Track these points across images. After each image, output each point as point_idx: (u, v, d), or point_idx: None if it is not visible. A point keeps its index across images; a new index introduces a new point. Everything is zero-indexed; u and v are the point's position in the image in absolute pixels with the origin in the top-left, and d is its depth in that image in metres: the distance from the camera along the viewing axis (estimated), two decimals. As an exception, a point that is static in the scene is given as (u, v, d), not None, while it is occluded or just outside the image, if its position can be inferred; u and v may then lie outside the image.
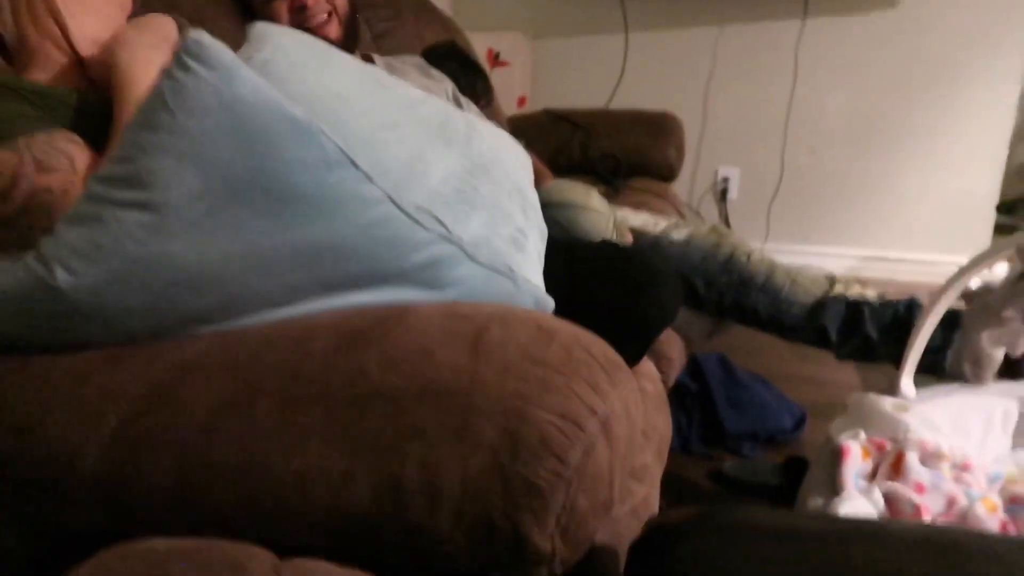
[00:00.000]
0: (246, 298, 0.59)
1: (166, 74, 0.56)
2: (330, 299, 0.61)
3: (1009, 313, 1.17)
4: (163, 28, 0.90)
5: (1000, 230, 2.59)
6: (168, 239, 0.55)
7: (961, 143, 2.55)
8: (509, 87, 2.64)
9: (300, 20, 1.34)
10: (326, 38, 1.35)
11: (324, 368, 0.52)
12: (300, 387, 0.52)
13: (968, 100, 2.51)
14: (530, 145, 2.12)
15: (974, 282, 1.31)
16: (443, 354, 0.52)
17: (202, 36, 0.55)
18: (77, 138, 0.75)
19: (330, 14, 1.36)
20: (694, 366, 1.66)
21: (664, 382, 1.19)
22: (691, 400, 1.62)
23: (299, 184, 0.57)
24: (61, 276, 0.55)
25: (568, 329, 0.58)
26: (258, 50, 0.75)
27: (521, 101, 2.71)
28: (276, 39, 0.80)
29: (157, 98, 0.55)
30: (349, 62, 0.86)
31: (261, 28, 0.81)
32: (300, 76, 0.77)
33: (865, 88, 2.57)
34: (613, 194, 1.92)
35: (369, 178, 0.61)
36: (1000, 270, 1.23)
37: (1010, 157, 3.33)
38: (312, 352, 0.54)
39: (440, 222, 0.68)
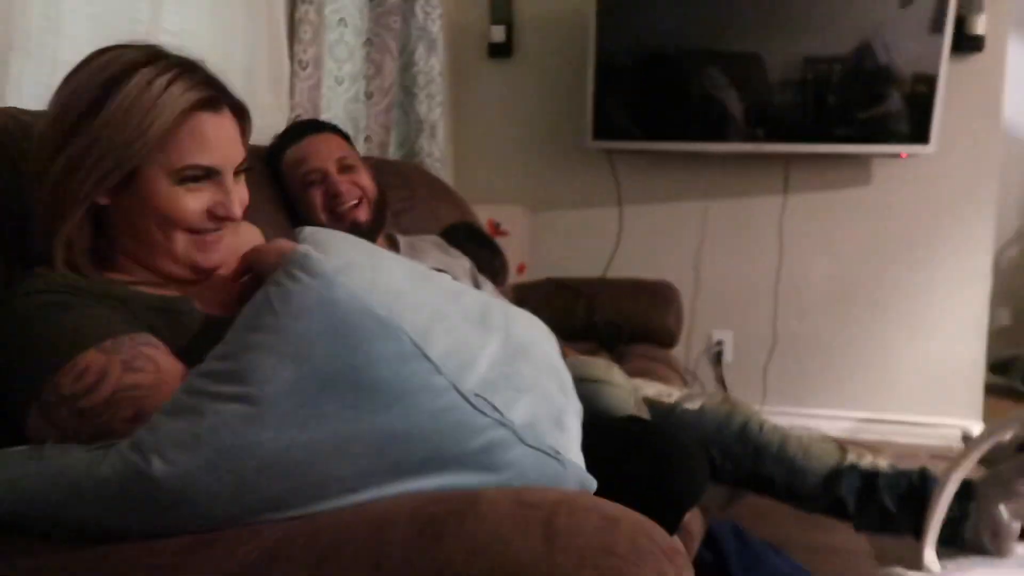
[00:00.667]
0: (324, 483, 0.62)
1: (273, 281, 0.62)
2: (398, 484, 0.64)
3: (1022, 487, 1.20)
4: None
5: (992, 390, 2.65)
6: (261, 429, 0.59)
7: (943, 309, 2.67)
8: (509, 255, 2.75)
9: (334, 205, 1.44)
10: (356, 220, 1.45)
11: (406, 558, 0.54)
12: (383, 577, 0.53)
13: (945, 268, 2.66)
14: (535, 313, 2.21)
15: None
16: (518, 544, 0.54)
17: (307, 250, 0.62)
18: (158, 342, 0.80)
19: (361, 199, 1.47)
20: (709, 537, 1.65)
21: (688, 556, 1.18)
22: (707, 572, 1.59)
23: (380, 376, 0.62)
24: (157, 465, 0.58)
25: (629, 517, 0.61)
26: (322, 253, 0.82)
27: (521, 269, 2.83)
28: (329, 241, 0.88)
29: (263, 302, 0.61)
30: (396, 259, 0.94)
31: (313, 233, 0.88)
32: (358, 275, 0.83)
33: (847, 257, 2.73)
34: (617, 361, 1.97)
35: (438, 369, 0.66)
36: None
37: (992, 320, 3.47)
38: (393, 540, 0.56)
39: (494, 407, 0.72)
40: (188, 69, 0.87)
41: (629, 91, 2.62)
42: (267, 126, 1.75)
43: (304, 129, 1.56)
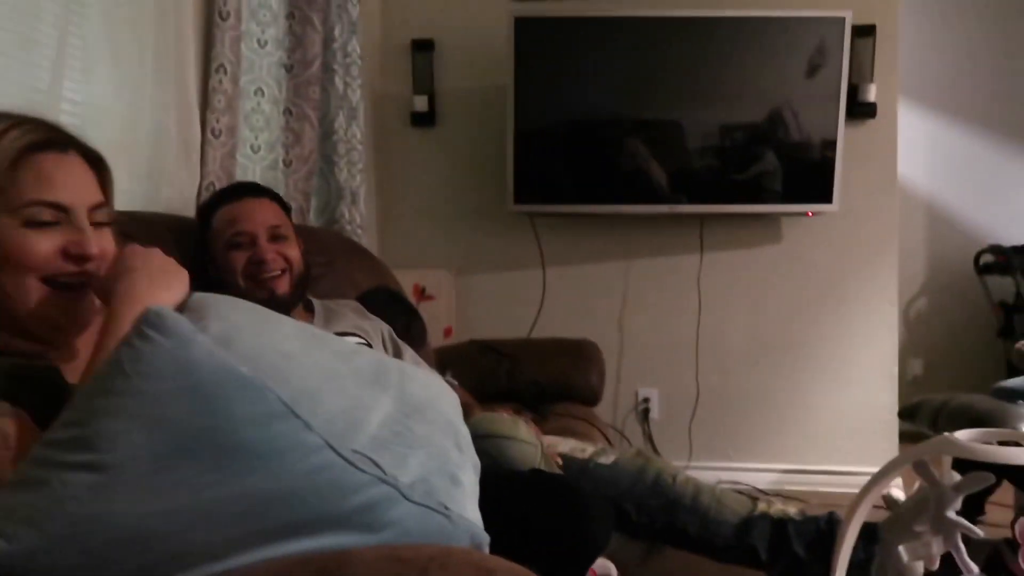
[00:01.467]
0: (186, 553, 0.59)
1: (124, 344, 0.60)
2: (270, 548, 0.62)
3: (919, 527, 1.24)
4: (179, 276, 0.91)
5: (904, 437, 2.74)
6: (112, 498, 0.57)
7: (857, 360, 2.78)
8: (435, 319, 2.76)
9: (255, 271, 1.43)
10: (274, 290, 1.44)
11: (267, 625, 0.53)
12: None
13: (856, 321, 2.77)
14: (458, 375, 2.20)
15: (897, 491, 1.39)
16: (386, 601, 0.53)
17: (160, 308, 0.61)
18: (12, 411, 0.75)
19: (284, 271, 1.46)
20: (632, 594, 1.63)
21: (602, 614, 1.17)
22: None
23: (244, 437, 0.61)
24: (-2, 544, 0.55)
25: (506, 568, 0.60)
26: (201, 318, 0.81)
27: (447, 332, 2.83)
28: (216, 306, 0.86)
29: (114, 365, 0.60)
30: (287, 322, 0.93)
31: (199, 298, 0.87)
32: (242, 337, 0.82)
33: (763, 313, 2.82)
34: (540, 420, 1.97)
35: (309, 426, 0.65)
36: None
37: (906, 370, 3.61)
38: (255, 608, 0.54)
39: (376, 464, 0.72)
40: (28, 121, 0.86)
41: (549, 156, 2.70)
42: (177, 195, 1.74)
43: (243, 190, 1.54)
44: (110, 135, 1.55)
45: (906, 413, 1.99)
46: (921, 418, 1.92)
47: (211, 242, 1.48)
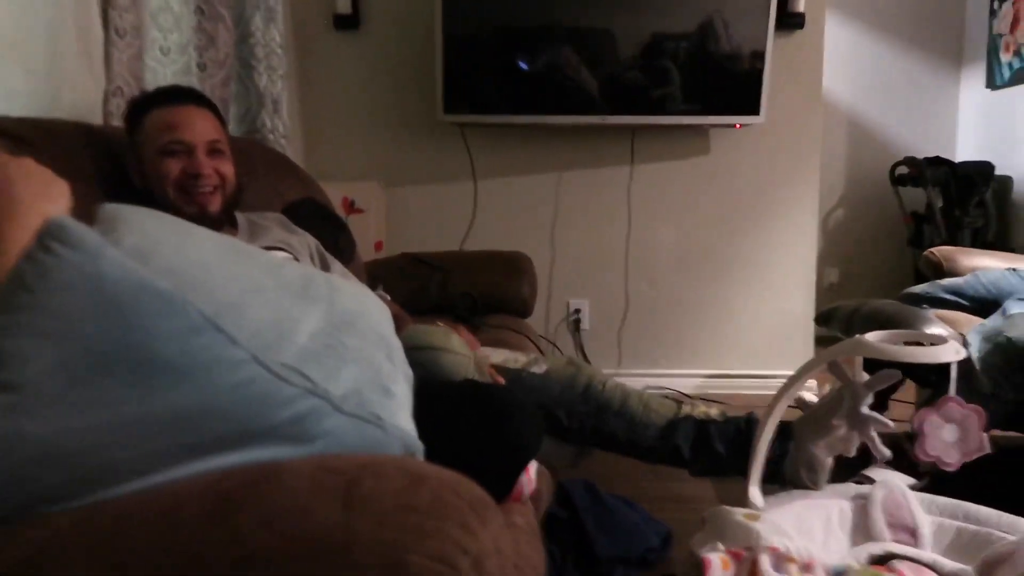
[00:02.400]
0: (108, 469, 0.58)
1: (27, 257, 0.57)
2: (198, 463, 0.61)
3: (836, 422, 1.32)
4: (59, 186, 0.87)
5: (819, 341, 2.89)
6: (23, 417, 0.54)
7: (777, 269, 2.87)
8: (365, 233, 2.71)
9: (188, 185, 1.35)
10: (205, 206, 1.37)
11: (196, 537, 0.52)
12: (173, 559, 0.51)
13: (778, 231, 2.86)
14: (389, 288, 2.19)
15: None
16: (318, 511, 0.53)
17: (64, 219, 0.57)
18: None
19: (216, 188, 1.39)
20: (562, 494, 1.70)
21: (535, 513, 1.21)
22: (561, 528, 1.64)
23: (164, 352, 0.58)
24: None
25: (437, 473, 0.61)
26: (112, 230, 0.76)
27: (378, 246, 2.79)
28: (130, 218, 0.82)
29: (16, 280, 0.56)
30: (209, 235, 0.89)
31: (112, 210, 0.82)
32: (160, 250, 0.79)
33: (691, 223, 2.87)
34: (473, 331, 1.99)
35: (233, 340, 0.63)
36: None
37: (823, 278, 3.76)
38: (182, 522, 0.53)
39: (306, 377, 0.71)
40: None
41: (479, 64, 2.62)
42: (79, 100, 1.62)
43: (184, 96, 1.43)
44: (-1, 32, 1.42)
45: (821, 319, 2.08)
46: (835, 323, 2.02)
47: (140, 145, 1.38)
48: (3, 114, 1.33)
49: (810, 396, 2.50)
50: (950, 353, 1.12)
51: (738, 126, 2.74)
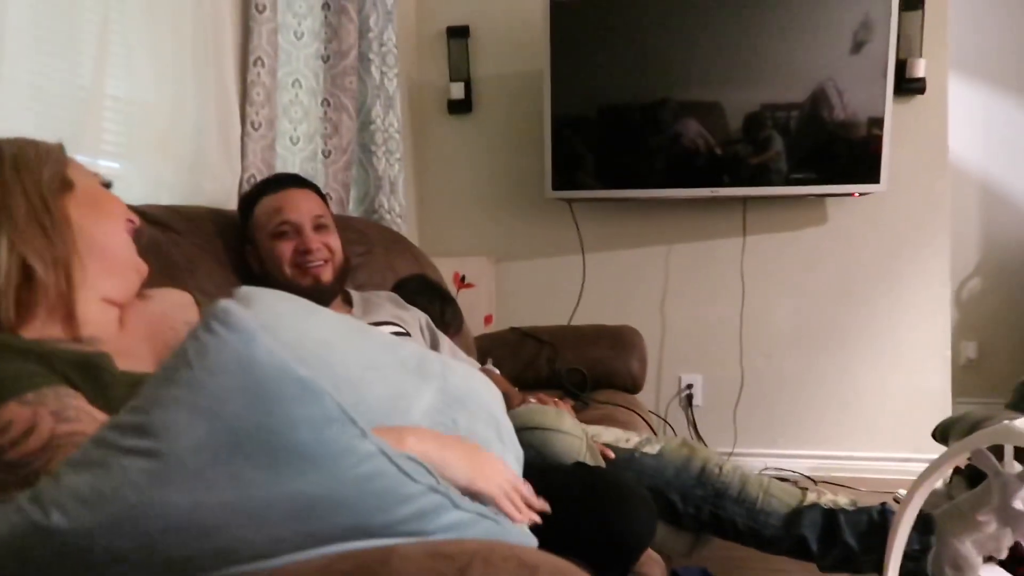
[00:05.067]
0: (235, 549, 0.59)
1: (192, 335, 0.61)
2: (317, 551, 0.62)
3: (983, 517, 1.20)
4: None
5: (959, 424, 2.65)
6: (167, 487, 0.57)
7: (907, 343, 2.70)
8: (475, 307, 2.77)
9: (301, 261, 1.45)
10: (319, 278, 1.45)
11: (310, 620, 0.52)
12: (288, 642, 0.51)
13: (905, 303, 2.69)
14: (498, 363, 2.20)
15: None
16: (429, 598, 0.53)
17: (229, 304, 0.61)
18: (79, 395, 0.79)
19: (327, 261, 1.47)
20: (678, 584, 1.62)
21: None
22: (678, 621, 1.55)
23: (299, 439, 0.60)
24: (56, 519, 0.55)
25: (549, 563, 0.59)
26: (246, 308, 0.81)
27: (487, 320, 2.83)
28: (261, 297, 0.87)
29: (180, 356, 0.60)
30: (329, 314, 0.93)
31: (246, 291, 0.88)
32: (288, 326, 0.83)
33: (809, 295, 2.75)
34: (582, 408, 1.96)
35: (365, 434, 0.64)
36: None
37: (959, 354, 3.50)
38: (299, 603, 0.54)
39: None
40: None
41: (586, 141, 2.67)
42: (219, 188, 1.76)
43: (285, 181, 1.56)
44: (153, 130, 1.57)
45: (938, 433, 1.86)
46: (956, 437, 1.80)
47: (254, 232, 1.49)
48: (153, 203, 1.46)
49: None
50: (1118, 442, 1.00)
51: (856, 195, 2.64)
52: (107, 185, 1.00)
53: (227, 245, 1.52)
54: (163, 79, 1.60)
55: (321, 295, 1.42)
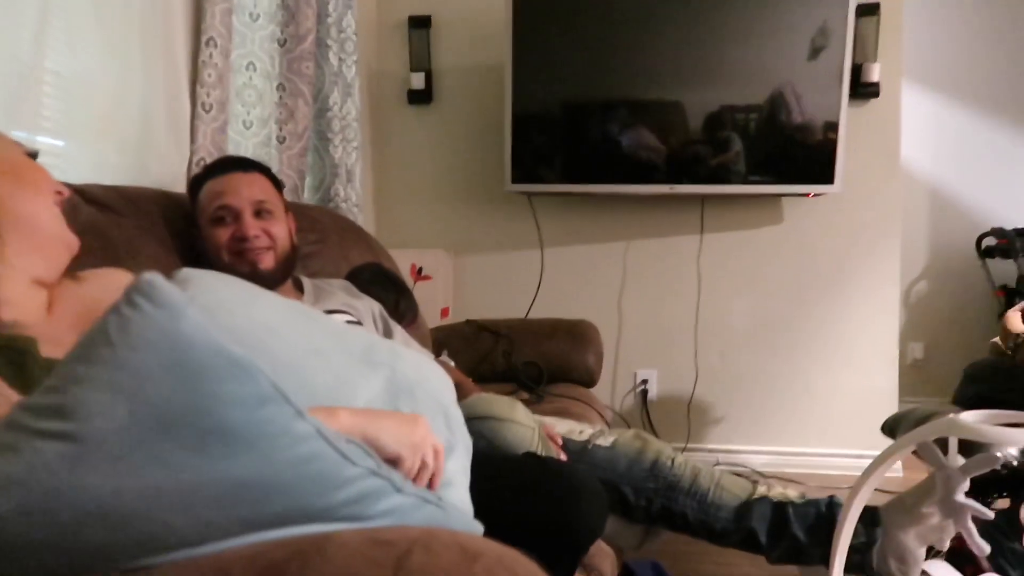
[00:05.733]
0: (162, 536, 0.56)
1: (113, 310, 0.57)
2: (251, 537, 0.59)
3: (927, 509, 1.21)
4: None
5: (905, 422, 2.71)
6: (85, 471, 0.54)
7: (857, 343, 2.75)
8: (432, 299, 2.74)
9: (238, 247, 1.39)
10: (256, 265, 1.40)
11: (238, 609, 0.50)
12: (212, 633, 0.49)
13: (856, 303, 2.74)
14: (454, 355, 2.18)
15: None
16: (365, 586, 0.51)
17: (154, 276, 0.57)
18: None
19: (269, 248, 1.42)
20: (627, 575, 1.62)
21: (598, 597, 1.15)
22: (628, 615, 1.55)
23: (230, 419, 0.57)
24: (-39, 508, 0.52)
25: (492, 550, 0.57)
26: (185, 289, 0.78)
27: (444, 312, 2.80)
28: (202, 280, 0.84)
29: (100, 332, 0.56)
30: (275, 298, 0.90)
31: (186, 272, 0.85)
32: (228, 310, 0.79)
33: (764, 294, 2.79)
34: (537, 401, 1.95)
35: (301, 414, 0.61)
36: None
37: (906, 354, 3.58)
38: (226, 592, 0.51)
39: (370, 455, 0.68)
40: None
41: (547, 135, 2.66)
42: (166, 170, 1.71)
43: (231, 164, 1.50)
44: (95, 108, 1.51)
45: (887, 428, 1.91)
46: (904, 430, 1.85)
47: (197, 217, 1.44)
48: (95, 183, 1.40)
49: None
50: (1057, 436, 1.02)
51: (811, 195, 2.68)
52: (32, 155, 0.94)
53: (174, 228, 1.47)
54: (108, 55, 1.53)
55: (261, 283, 1.38)
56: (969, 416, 1.07)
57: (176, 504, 0.56)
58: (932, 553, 1.36)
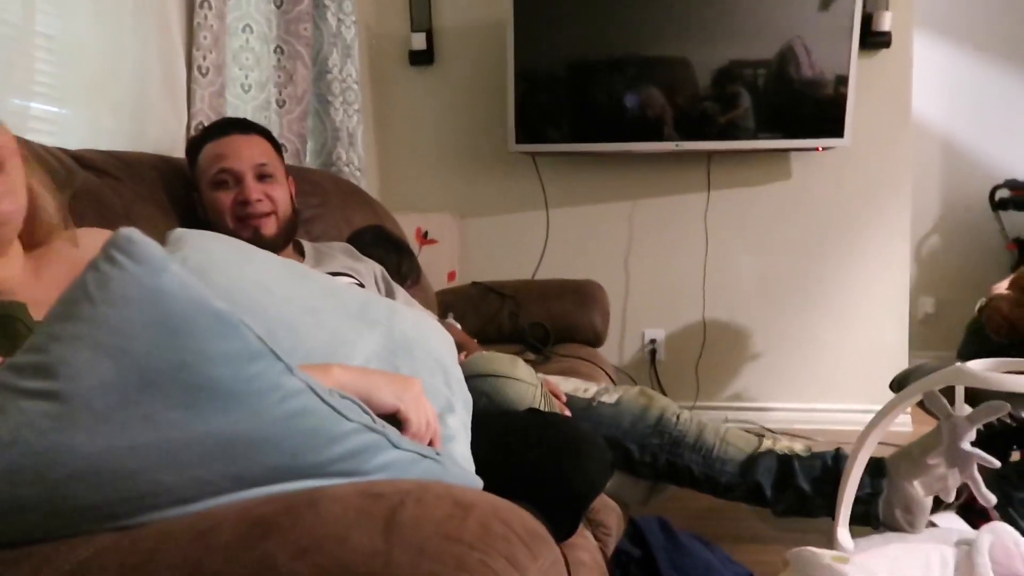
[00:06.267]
0: (153, 494, 0.56)
1: (91, 266, 0.56)
2: (244, 494, 0.59)
3: (933, 459, 1.21)
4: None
5: (915, 377, 2.70)
6: (72, 430, 0.53)
7: (867, 298, 2.72)
8: (438, 263, 2.73)
9: (242, 213, 1.38)
10: (260, 230, 1.39)
11: (227, 562, 0.50)
12: (202, 585, 0.49)
13: (866, 258, 2.71)
14: (460, 317, 2.17)
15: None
16: (355, 538, 0.50)
17: (132, 232, 0.56)
18: None
19: (271, 212, 1.41)
20: (635, 531, 1.62)
21: (602, 550, 1.15)
22: (635, 567, 1.56)
23: (218, 376, 0.56)
24: (-49, 470, 0.52)
25: (486, 502, 0.57)
26: (178, 249, 0.77)
27: (451, 276, 2.79)
28: (195, 240, 0.83)
29: (79, 289, 0.56)
30: (271, 257, 0.89)
31: (180, 233, 0.84)
32: (222, 269, 0.79)
33: (772, 251, 2.76)
34: (543, 361, 1.95)
35: (291, 369, 0.61)
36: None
37: (917, 308, 3.55)
38: (215, 545, 0.51)
39: (364, 411, 0.68)
40: None
41: (550, 95, 2.62)
42: (163, 135, 1.69)
43: (230, 126, 1.47)
44: (89, 72, 1.49)
45: (896, 384, 1.90)
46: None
47: (197, 180, 1.43)
48: (91, 148, 1.39)
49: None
50: (1065, 383, 1.00)
51: (820, 149, 2.63)
52: None
53: (173, 193, 1.46)
54: (99, 18, 1.51)
55: (263, 248, 1.37)
56: (976, 364, 1.06)
57: (165, 462, 0.56)
58: (942, 507, 1.35)
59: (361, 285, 1.45)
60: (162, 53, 1.68)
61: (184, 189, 1.47)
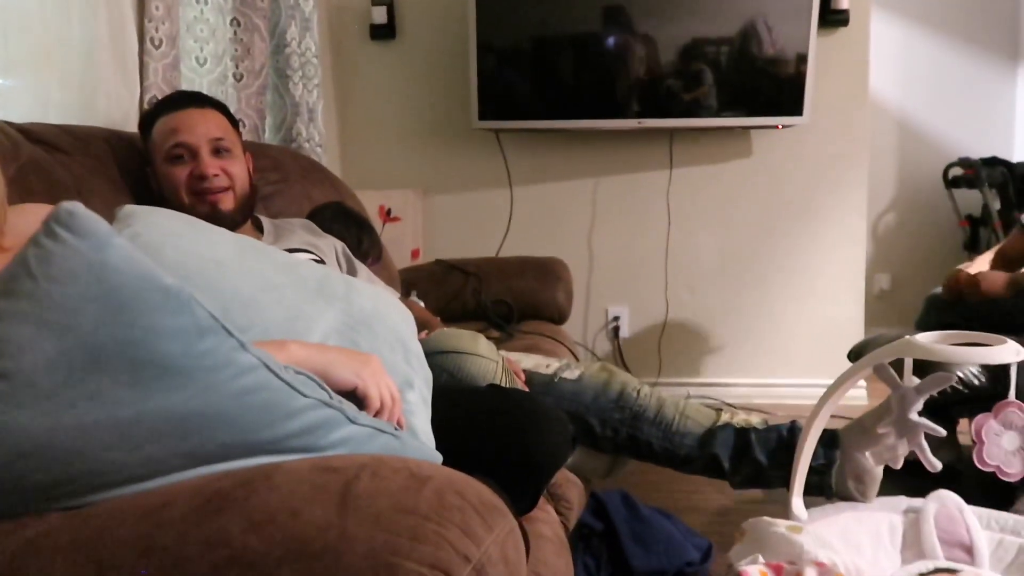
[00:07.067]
0: (103, 472, 0.55)
1: (32, 242, 0.55)
2: (198, 471, 0.58)
3: (883, 429, 1.24)
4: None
5: (870, 351, 2.77)
6: (16, 408, 0.52)
7: (825, 275, 2.78)
8: (402, 241, 2.71)
9: (197, 187, 1.35)
10: (216, 205, 1.37)
11: (180, 537, 0.49)
12: (154, 560, 0.48)
13: (823, 235, 2.76)
14: (424, 295, 2.16)
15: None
16: (310, 511, 0.50)
17: (74, 205, 0.55)
18: None
19: (228, 188, 1.38)
20: (596, 505, 1.65)
21: (564, 524, 1.17)
22: (597, 540, 1.59)
23: (167, 352, 0.55)
24: None
25: (442, 474, 0.57)
26: (128, 226, 0.75)
27: (415, 254, 2.78)
28: (146, 216, 0.81)
29: (19, 265, 0.54)
30: (225, 234, 0.88)
31: (130, 209, 0.82)
32: (173, 244, 0.77)
33: (733, 228, 2.79)
34: (507, 338, 1.95)
35: (244, 345, 0.60)
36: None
37: (873, 285, 3.63)
38: (168, 520, 0.51)
39: (320, 386, 0.67)
40: None
41: (513, 71, 2.60)
42: (114, 108, 1.65)
43: (185, 100, 1.43)
44: (33, 43, 1.44)
45: (853, 354, 1.96)
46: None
47: (151, 155, 1.39)
48: (39, 122, 1.35)
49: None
50: (1010, 353, 1.04)
51: (780, 127, 2.66)
52: None
53: (125, 168, 1.42)
54: (45, -14, 1.46)
55: (221, 224, 1.35)
56: (924, 337, 1.09)
57: (116, 440, 0.55)
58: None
59: (321, 261, 1.44)
60: (111, 22, 1.62)
61: (137, 164, 1.44)
